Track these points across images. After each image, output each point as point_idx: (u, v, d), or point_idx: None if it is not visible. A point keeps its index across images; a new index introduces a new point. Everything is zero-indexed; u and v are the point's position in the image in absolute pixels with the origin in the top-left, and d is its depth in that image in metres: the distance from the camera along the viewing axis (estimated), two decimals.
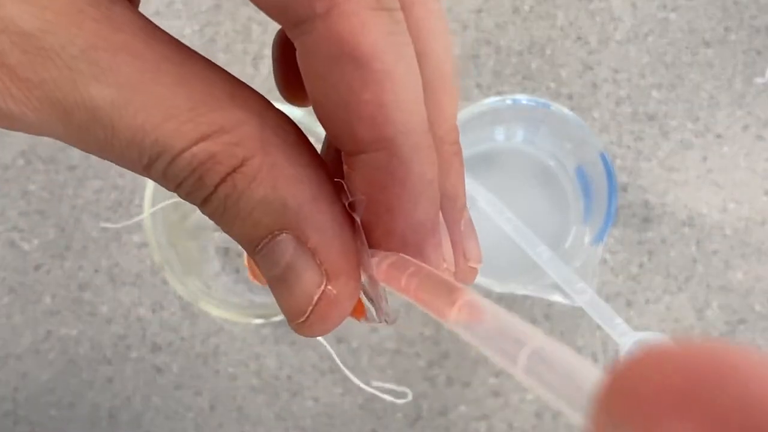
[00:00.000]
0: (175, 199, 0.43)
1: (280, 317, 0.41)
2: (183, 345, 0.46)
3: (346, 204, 0.16)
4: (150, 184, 0.42)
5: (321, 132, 0.42)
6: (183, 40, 0.16)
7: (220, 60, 0.46)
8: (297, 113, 0.40)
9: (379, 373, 0.45)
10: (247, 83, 0.16)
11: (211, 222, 0.16)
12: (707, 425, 0.08)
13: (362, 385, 0.43)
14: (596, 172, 0.41)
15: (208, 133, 0.15)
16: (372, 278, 0.16)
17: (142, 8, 0.16)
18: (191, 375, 0.45)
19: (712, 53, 0.48)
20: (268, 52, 0.47)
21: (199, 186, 0.15)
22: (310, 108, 0.16)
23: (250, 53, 0.48)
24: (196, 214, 0.47)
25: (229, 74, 0.16)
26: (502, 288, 0.40)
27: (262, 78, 0.47)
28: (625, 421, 0.09)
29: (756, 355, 0.08)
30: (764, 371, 0.08)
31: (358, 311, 0.18)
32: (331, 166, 0.17)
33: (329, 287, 0.16)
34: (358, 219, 0.16)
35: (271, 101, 0.16)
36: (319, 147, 0.18)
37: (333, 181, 0.16)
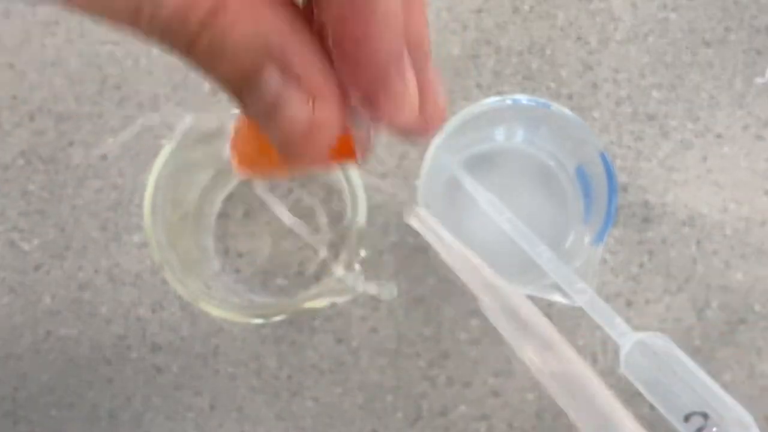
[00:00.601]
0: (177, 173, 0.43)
1: (280, 317, 0.41)
2: (183, 345, 0.46)
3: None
4: (150, 183, 0.42)
5: None
6: None
7: None
8: None
9: (379, 374, 0.45)
10: None
11: (210, 221, 0.16)
12: None
13: (354, 286, 0.42)
14: (596, 172, 0.41)
15: None
16: (353, 106, 0.18)
17: None
18: (191, 375, 0.45)
19: (712, 53, 0.48)
20: None
21: (183, 30, 0.16)
22: None
23: None
24: (196, 214, 0.47)
25: None
26: None
27: None
28: None
29: None
30: None
31: (349, 152, 0.19)
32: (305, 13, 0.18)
33: (317, 112, 0.17)
34: (330, 43, 0.17)
35: None
36: None
37: (308, 19, 0.17)
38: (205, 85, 0.47)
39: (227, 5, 0.16)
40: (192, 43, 0.16)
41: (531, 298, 0.45)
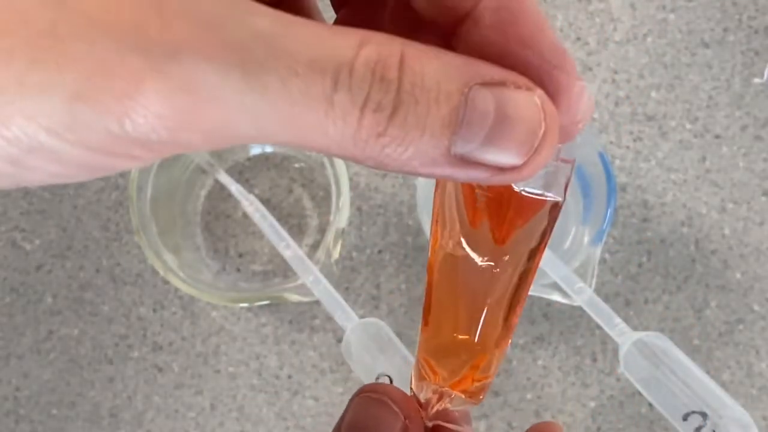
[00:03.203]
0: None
1: (262, 302, 0.41)
2: (184, 344, 0.46)
3: None
4: (150, 185, 0.42)
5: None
6: None
7: None
8: None
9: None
10: None
11: (200, 206, 0.16)
12: None
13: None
14: (595, 172, 0.42)
15: (361, 41, 0.15)
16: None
17: None
18: (192, 374, 0.46)
19: (710, 54, 0.48)
20: None
21: (386, 86, 0.15)
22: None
23: None
24: (187, 193, 0.47)
25: None
26: None
27: None
28: None
29: None
30: None
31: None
32: None
33: (546, 104, 0.16)
34: None
35: None
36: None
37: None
38: None
39: (407, 50, 0.15)
40: (396, 99, 0.15)
41: (531, 298, 0.46)
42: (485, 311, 0.20)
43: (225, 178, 0.44)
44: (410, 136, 0.15)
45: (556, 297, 0.40)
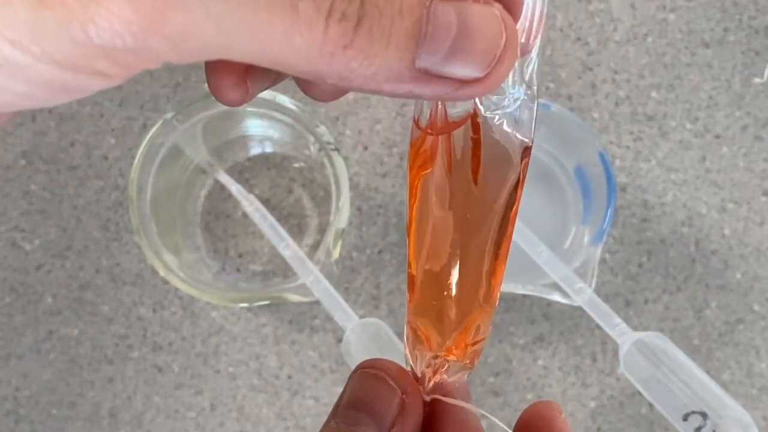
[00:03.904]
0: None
1: (263, 302, 0.41)
2: (184, 344, 0.46)
3: None
4: (150, 185, 0.42)
5: (321, 132, 0.42)
6: None
7: None
8: (291, 105, 0.41)
9: None
10: None
11: (200, 206, 0.16)
12: None
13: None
14: (596, 172, 0.42)
15: None
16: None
17: None
18: (192, 374, 0.46)
19: (711, 54, 0.48)
20: None
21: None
22: (307, 105, 0.16)
23: None
24: (188, 190, 0.47)
25: None
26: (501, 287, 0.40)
27: None
28: None
29: None
30: None
31: None
32: None
33: (505, 15, 0.16)
34: None
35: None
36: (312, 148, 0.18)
37: None
38: (205, 86, 0.47)
39: None
40: (361, 10, 0.15)
41: (531, 298, 0.46)
42: (468, 267, 0.20)
43: (225, 178, 0.43)
44: (375, 48, 0.15)
45: (556, 297, 0.40)
